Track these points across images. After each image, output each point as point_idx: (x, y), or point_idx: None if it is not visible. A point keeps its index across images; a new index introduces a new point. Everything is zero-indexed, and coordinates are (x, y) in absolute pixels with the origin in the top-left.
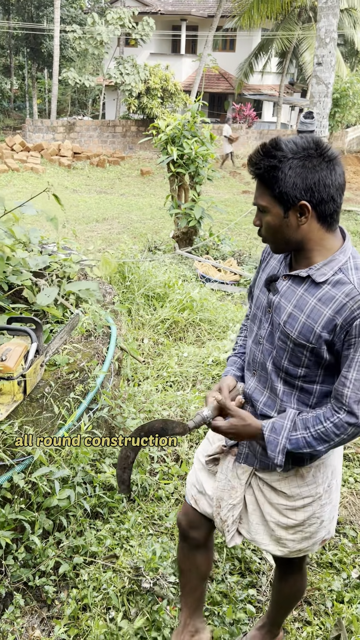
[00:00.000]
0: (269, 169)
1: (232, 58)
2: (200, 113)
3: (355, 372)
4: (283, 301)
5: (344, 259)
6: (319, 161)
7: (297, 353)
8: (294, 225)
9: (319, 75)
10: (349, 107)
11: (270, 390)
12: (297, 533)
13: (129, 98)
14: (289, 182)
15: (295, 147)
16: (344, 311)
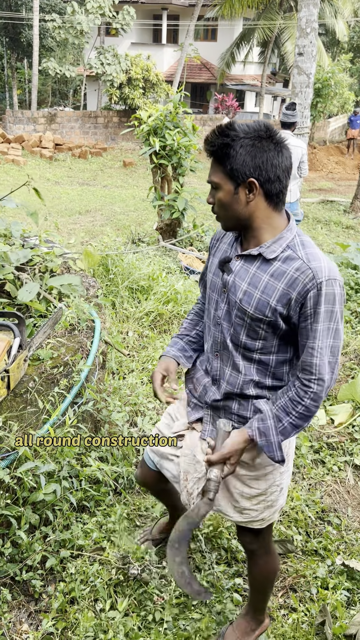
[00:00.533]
0: (222, 147)
1: (213, 48)
2: (182, 104)
3: (319, 341)
4: (237, 280)
5: (290, 237)
6: (267, 142)
7: (255, 327)
8: (243, 201)
9: (301, 66)
10: (330, 97)
11: (232, 367)
12: (260, 503)
13: (111, 88)
14: (239, 159)
15: (247, 128)
16: (297, 285)
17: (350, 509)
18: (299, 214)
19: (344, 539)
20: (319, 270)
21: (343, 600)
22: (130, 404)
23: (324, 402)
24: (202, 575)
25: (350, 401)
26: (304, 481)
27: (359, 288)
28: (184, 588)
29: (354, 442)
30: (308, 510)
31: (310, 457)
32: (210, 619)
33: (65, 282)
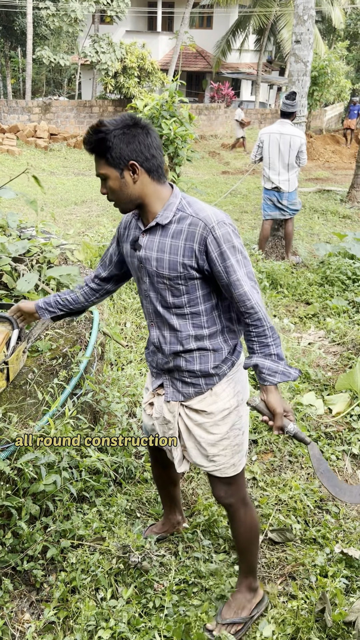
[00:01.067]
0: (98, 142)
1: (209, 35)
2: (178, 93)
3: (236, 273)
4: (148, 252)
5: (177, 201)
6: (135, 128)
7: (175, 285)
8: (130, 182)
9: (298, 54)
10: (327, 85)
11: (169, 329)
12: (226, 448)
13: (106, 77)
14: (116, 148)
15: (115, 122)
16: (195, 237)
17: None
18: (297, 204)
19: (342, 527)
20: (207, 219)
21: (342, 587)
22: (129, 394)
23: (322, 391)
24: (201, 563)
25: (348, 391)
26: (302, 470)
27: (356, 278)
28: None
29: (351, 431)
30: (307, 499)
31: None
32: (210, 605)
33: (64, 273)
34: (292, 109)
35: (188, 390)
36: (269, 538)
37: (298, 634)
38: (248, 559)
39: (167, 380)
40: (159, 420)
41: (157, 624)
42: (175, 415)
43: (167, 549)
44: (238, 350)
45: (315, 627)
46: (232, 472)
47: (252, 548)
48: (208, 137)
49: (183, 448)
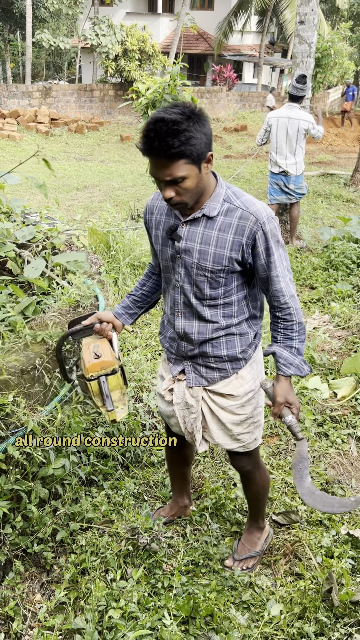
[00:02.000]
0: (186, 142)
1: (210, 17)
2: (180, 76)
3: (278, 269)
4: (190, 243)
5: (223, 191)
6: (199, 115)
7: (216, 278)
8: (204, 175)
9: (302, 35)
10: (330, 67)
11: (199, 319)
12: (250, 425)
13: (106, 61)
14: (202, 142)
15: (182, 115)
16: (245, 231)
17: (354, 481)
18: (303, 188)
19: None
20: (258, 213)
21: (348, 568)
22: (135, 379)
23: (327, 375)
24: (209, 546)
25: (353, 375)
26: (308, 453)
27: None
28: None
29: (357, 415)
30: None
31: (313, 430)
32: (219, 585)
33: (71, 259)
34: (302, 92)
35: (213, 375)
36: (274, 520)
37: (305, 613)
38: (258, 507)
39: (188, 366)
40: (179, 406)
41: (167, 603)
42: (199, 400)
43: (175, 531)
44: (259, 333)
45: (322, 607)
46: (253, 445)
47: (263, 500)
48: (210, 121)
49: (204, 430)
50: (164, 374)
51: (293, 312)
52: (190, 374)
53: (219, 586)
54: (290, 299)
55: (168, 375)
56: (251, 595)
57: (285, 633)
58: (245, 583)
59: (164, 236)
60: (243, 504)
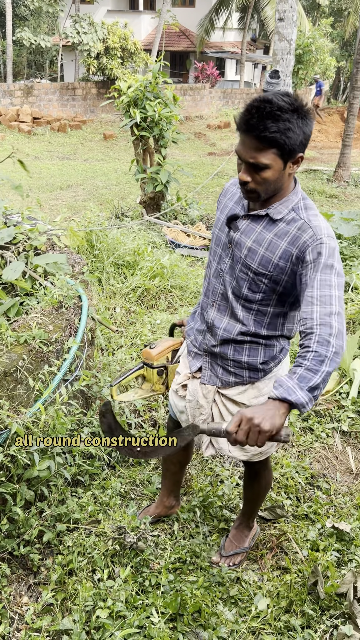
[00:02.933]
0: (283, 131)
1: (192, 14)
2: (162, 74)
3: (317, 290)
4: (243, 237)
5: (296, 200)
6: (306, 115)
7: (257, 281)
8: (287, 175)
9: (281, 32)
10: (311, 63)
11: (231, 316)
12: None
13: (88, 59)
14: (298, 139)
15: (290, 105)
16: (298, 242)
17: (338, 474)
18: None
19: (333, 502)
20: (318, 229)
21: (333, 560)
22: None
23: None
24: (196, 543)
25: (337, 369)
26: (294, 448)
27: (344, 257)
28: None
29: (341, 409)
30: (298, 477)
31: (299, 425)
32: (206, 581)
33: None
34: (277, 87)
35: (228, 378)
36: (260, 516)
37: (292, 607)
38: (254, 506)
39: (206, 363)
40: (191, 404)
41: (154, 600)
42: (210, 401)
43: (162, 530)
44: (286, 348)
45: (309, 600)
46: (257, 458)
47: (261, 500)
48: (193, 118)
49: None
50: (181, 369)
51: (314, 339)
52: (207, 371)
53: (206, 582)
54: (319, 326)
55: (185, 371)
56: (238, 590)
57: (272, 627)
58: (232, 578)
59: (224, 221)
60: (230, 501)
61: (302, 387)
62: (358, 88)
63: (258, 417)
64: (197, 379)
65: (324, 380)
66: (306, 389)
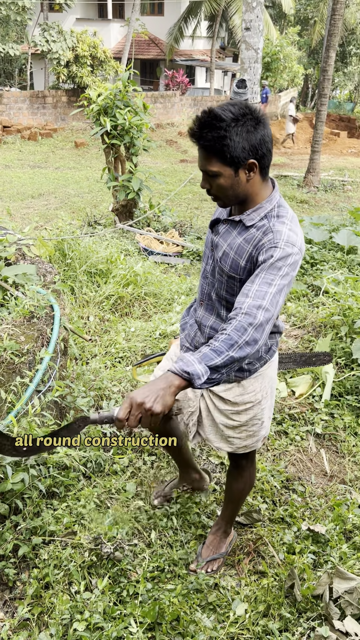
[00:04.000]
0: (217, 140)
1: (161, 22)
2: (131, 82)
3: (256, 285)
4: (221, 241)
5: (269, 207)
6: (255, 122)
7: (230, 284)
8: (244, 181)
9: (248, 41)
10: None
11: (217, 316)
12: (242, 432)
13: (58, 67)
14: (238, 147)
15: (232, 114)
16: (258, 245)
17: (313, 477)
18: None
19: (308, 505)
20: (278, 234)
21: (310, 563)
22: (94, 388)
23: (285, 374)
24: (173, 551)
25: (309, 373)
26: (269, 452)
27: (314, 262)
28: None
29: (314, 412)
30: (273, 480)
31: (274, 429)
32: (184, 589)
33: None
34: (244, 96)
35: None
36: (237, 521)
37: (269, 611)
38: (234, 509)
39: None
40: (181, 396)
41: (133, 610)
42: (198, 395)
43: (140, 538)
44: (273, 349)
45: (286, 603)
46: (242, 451)
47: (242, 501)
48: (165, 126)
49: (198, 423)
50: (173, 357)
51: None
52: None
53: (184, 590)
54: (243, 314)
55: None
56: (216, 596)
57: (250, 632)
58: (210, 585)
59: (209, 224)
60: (206, 507)
61: (201, 362)
62: (325, 95)
63: (149, 400)
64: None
65: (225, 365)
66: (204, 364)
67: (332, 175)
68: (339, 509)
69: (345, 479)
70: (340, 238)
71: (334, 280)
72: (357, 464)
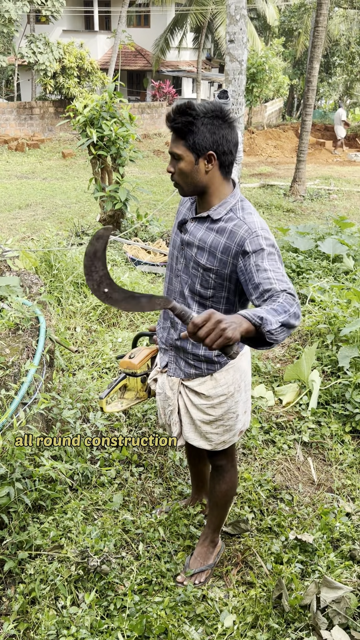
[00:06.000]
0: (185, 124)
1: (147, 34)
2: (117, 94)
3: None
4: (192, 238)
5: (233, 202)
6: (223, 121)
7: (206, 277)
8: (202, 171)
9: (232, 53)
10: (265, 81)
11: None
12: (219, 427)
13: (44, 78)
14: (201, 135)
15: (204, 109)
16: (236, 238)
17: (301, 485)
18: None
19: (296, 514)
20: (252, 224)
21: (297, 572)
22: (81, 400)
23: (272, 383)
24: (161, 562)
25: (296, 381)
26: (256, 462)
27: (300, 270)
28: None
29: (301, 420)
30: (261, 490)
31: (261, 438)
32: (172, 601)
33: (3, 284)
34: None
35: (190, 370)
36: (224, 532)
37: (258, 622)
38: (219, 515)
39: (172, 357)
40: (160, 396)
41: (120, 624)
42: (175, 393)
43: (127, 551)
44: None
45: (274, 613)
46: (221, 447)
47: (227, 506)
48: (152, 136)
49: (180, 424)
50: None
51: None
52: (172, 364)
53: (172, 602)
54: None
55: (157, 367)
56: (204, 608)
57: None
58: (198, 597)
59: (177, 225)
60: (194, 518)
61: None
62: (310, 105)
63: (226, 322)
64: (164, 373)
65: (284, 324)
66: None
67: (318, 184)
68: (326, 517)
69: (333, 487)
70: (325, 247)
71: (320, 288)
72: (344, 472)
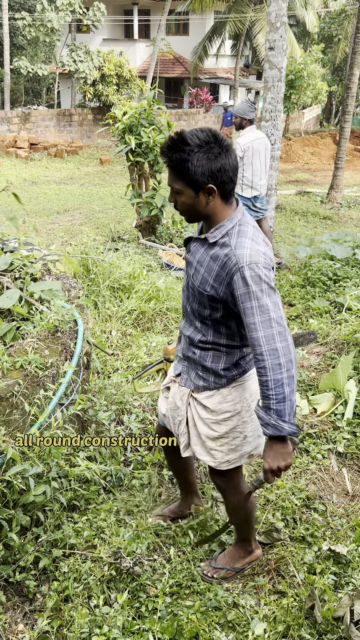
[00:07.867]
0: (180, 162)
1: (186, 42)
2: (156, 101)
3: (256, 316)
4: (192, 258)
5: (230, 226)
6: (218, 151)
7: (200, 298)
8: (204, 203)
9: (272, 60)
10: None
11: (193, 327)
12: (224, 445)
13: (84, 86)
14: (197, 171)
15: (198, 140)
16: (226, 268)
17: (335, 496)
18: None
19: (329, 525)
20: (240, 257)
21: (330, 584)
22: (116, 402)
23: (307, 392)
24: (192, 566)
25: (331, 390)
26: (289, 470)
27: (337, 278)
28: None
29: (336, 430)
30: (294, 498)
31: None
32: (202, 605)
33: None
34: (251, 115)
35: (198, 382)
36: (258, 540)
37: (289, 631)
38: (242, 530)
39: (184, 367)
40: (170, 405)
41: (151, 626)
42: (185, 403)
43: (159, 553)
44: (248, 358)
45: (306, 624)
46: (225, 467)
47: (245, 524)
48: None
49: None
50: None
51: (267, 366)
52: (184, 375)
53: (203, 607)
54: (267, 352)
55: (170, 374)
56: (235, 614)
57: None
58: (229, 603)
59: (184, 243)
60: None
61: (283, 418)
62: (349, 112)
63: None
64: (177, 383)
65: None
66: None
67: (356, 191)
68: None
69: None
70: None
71: (357, 297)
72: None
